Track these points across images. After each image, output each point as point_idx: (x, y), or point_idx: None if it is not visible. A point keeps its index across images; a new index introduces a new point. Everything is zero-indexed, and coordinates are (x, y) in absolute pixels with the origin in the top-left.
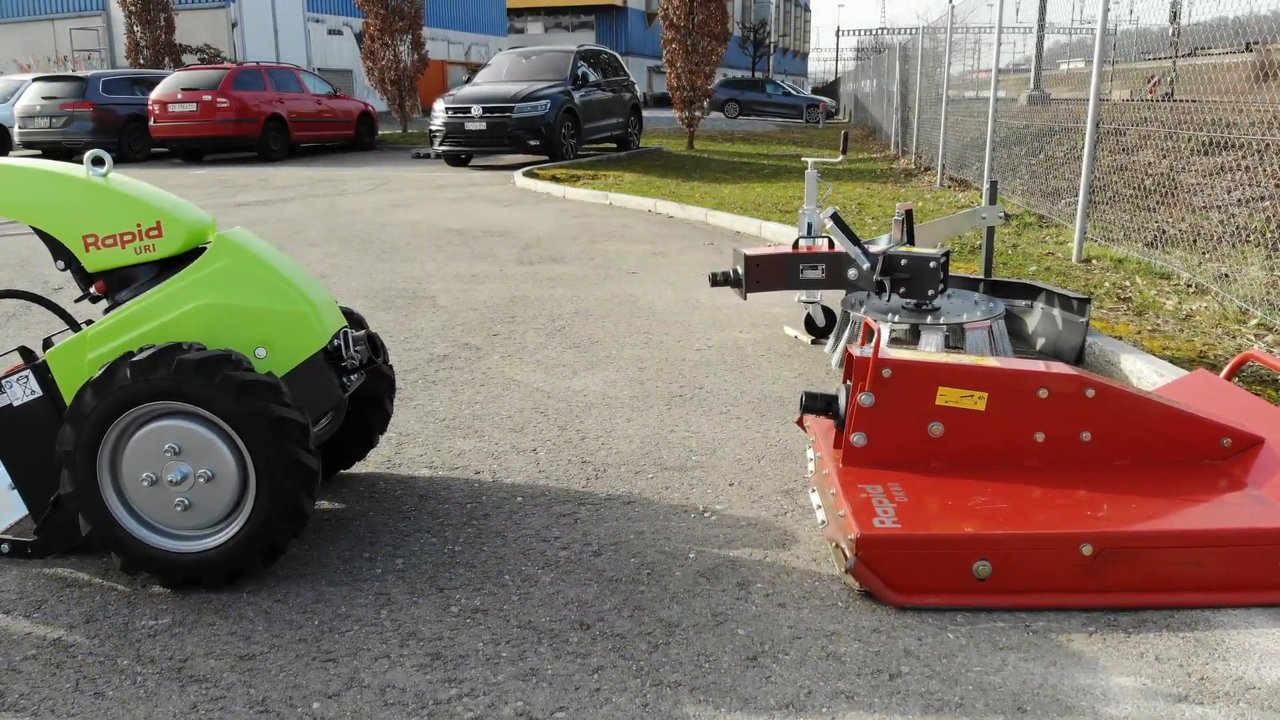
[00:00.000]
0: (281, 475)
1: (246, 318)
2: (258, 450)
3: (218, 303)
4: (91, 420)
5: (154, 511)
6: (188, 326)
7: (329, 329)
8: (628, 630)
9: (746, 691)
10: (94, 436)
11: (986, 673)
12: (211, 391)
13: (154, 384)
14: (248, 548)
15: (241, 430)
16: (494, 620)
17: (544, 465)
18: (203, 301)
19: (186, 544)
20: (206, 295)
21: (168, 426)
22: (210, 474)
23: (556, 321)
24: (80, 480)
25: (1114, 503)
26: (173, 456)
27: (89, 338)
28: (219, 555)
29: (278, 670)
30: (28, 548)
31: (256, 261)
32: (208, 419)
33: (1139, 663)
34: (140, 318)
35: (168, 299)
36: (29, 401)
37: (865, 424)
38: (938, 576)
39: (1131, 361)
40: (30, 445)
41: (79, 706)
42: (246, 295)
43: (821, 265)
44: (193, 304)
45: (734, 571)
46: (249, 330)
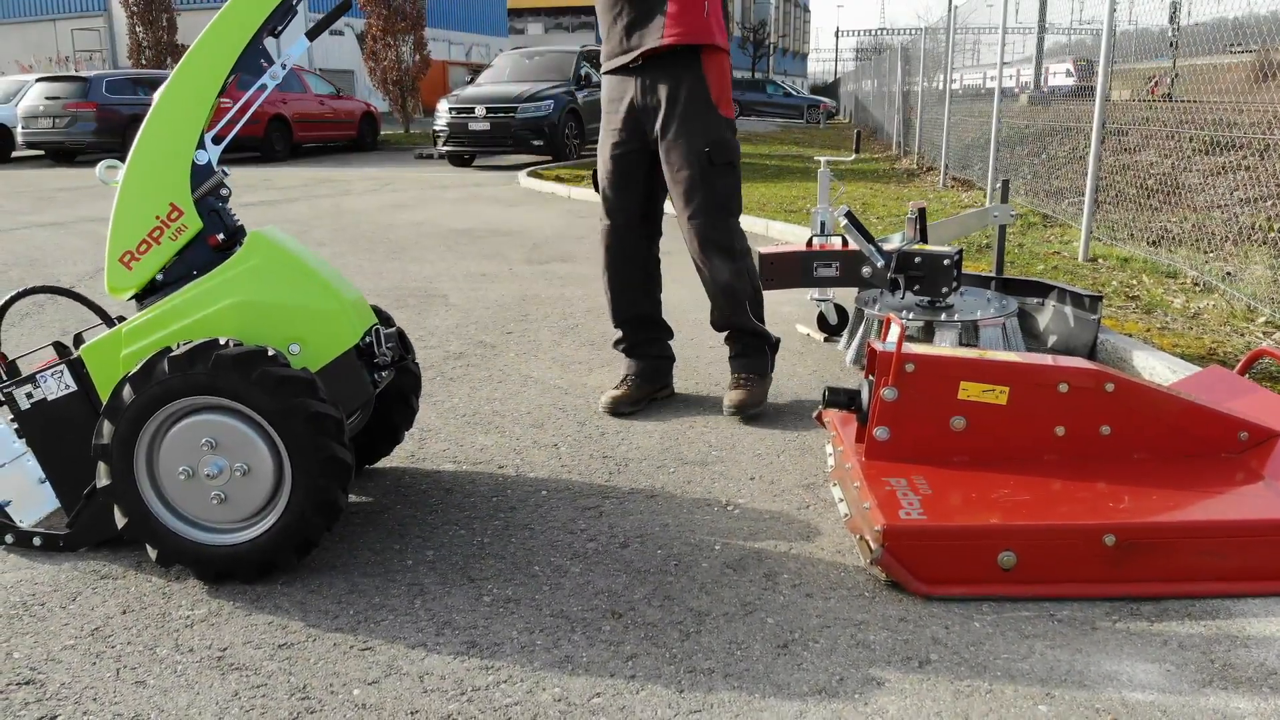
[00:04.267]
0: (316, 470)
1: (280, 315)
2: (293, 445)
3: (251, 300)
4: (129, 414)
5: (190, 505)
6: (222, 323)
7: (360, 326)
8: (659, 619)
9: (779, 678)
10: (132, 430)
11: (1014, 660)
12: (248, 387)
13: (192, 379)
14: (282, 541)
15: (278, 425)
16: (526, 609)
17: (566, 460)
18: (237, 299)
19: (221, 537)
20: (240, 292)
21: (204, 421)
22: (246, 468)
23: (569, 319)
24: (117, 473)
25: (1135, 495)
26: (209, 451)
27: (123, 334)
28: (252, 548)
29: (317, 659)
30: (60, 540)
31: (289, 259)
32: (244, 414)
33: (1162, 650)
34: (174, 314)
35: (202, 296)
36: (63, 396)
37: (888, 418)
38: (963, 567)
39: (1144, 358)
40: (63, 439)
41: (121, 695)
42: (280, 292)
43: (836, 263)
44: (227, 301)
45: (760, 563)
46: (283, 327)
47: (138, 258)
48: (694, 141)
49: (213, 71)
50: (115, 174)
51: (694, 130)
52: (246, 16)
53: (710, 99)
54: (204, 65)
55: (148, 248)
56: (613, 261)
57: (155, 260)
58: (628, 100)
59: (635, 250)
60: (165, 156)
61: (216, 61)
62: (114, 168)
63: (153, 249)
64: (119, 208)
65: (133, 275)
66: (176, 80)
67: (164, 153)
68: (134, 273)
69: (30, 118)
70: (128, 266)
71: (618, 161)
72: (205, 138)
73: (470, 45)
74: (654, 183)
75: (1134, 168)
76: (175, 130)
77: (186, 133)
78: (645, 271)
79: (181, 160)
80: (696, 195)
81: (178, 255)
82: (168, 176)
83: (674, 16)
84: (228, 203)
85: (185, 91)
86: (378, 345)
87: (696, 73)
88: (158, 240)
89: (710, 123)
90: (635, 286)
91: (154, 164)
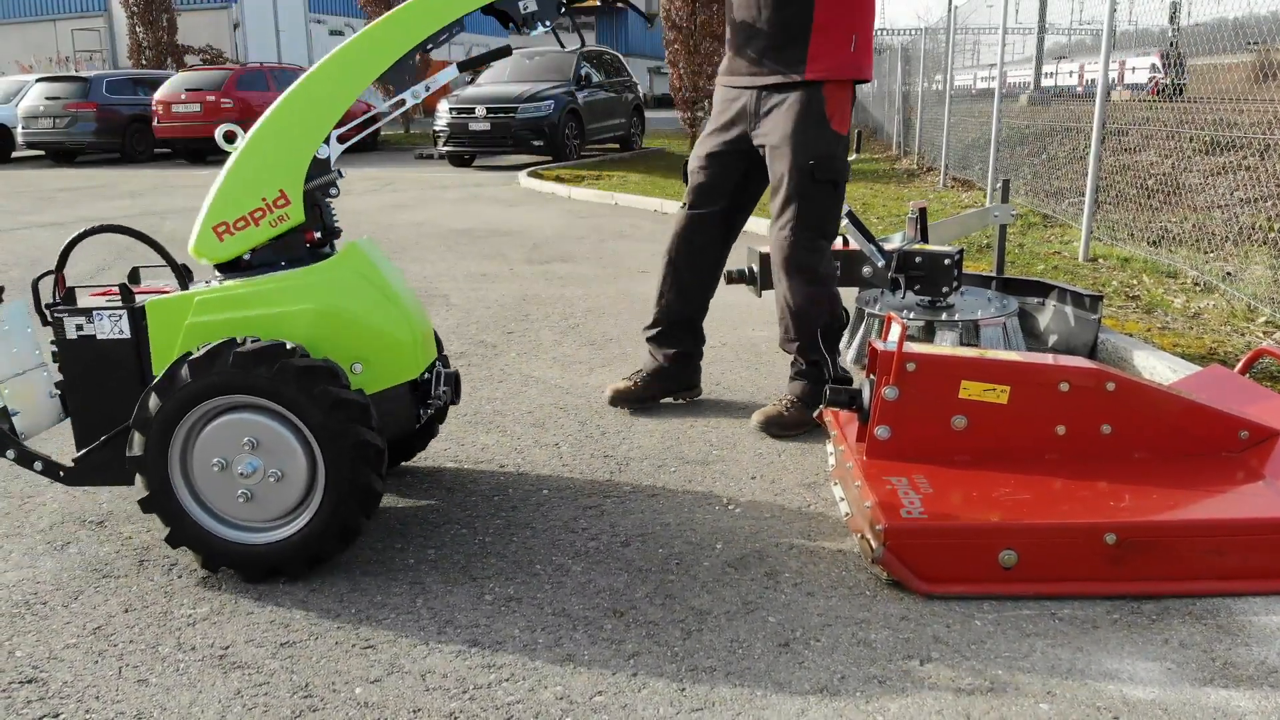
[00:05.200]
0: (348, 494)
1: (354, 331)
2: (334, 468)
3: (332, 309)
4: (181, 396)
5: (216, 496)
6: (297, 325)
7: (424, 361)
8: (660, 618)
9: (780, 677)
10: (179, 411)
11: (1015, 658)
12: (307, 402)
13: (254, 381)
14: (296, 553)
15: (325, 445)
16: (528, 608)
17: (567, 459)
18: (318, 305)
19: (240, 534)
20: (325, 299)
21: (251, 420)
22: (280, 474)
23: (570, 319)
24: (152, 447)
25: (1135, 493)
26: (250, 450)
27: (195, 302)
28: (268, 550)
29: (319, 657)
30: (60, 471)
31: (378, 279)
32: (295, 425)
33: (1163, 648)
34: (252, 300)
35: (286, 291)
36: (113, 340)
37: (889, 417)
38: (964, 565)
39: (1144, 358)
40: (98, 379)
41: (123, 693)
42: (360, 309)
43: (836, 263)
44: (308, 305)
45: (761, 562)
46: (353, 344)
47: (232, 232)
48: (799, 154)
49: (364, 71)
50: (234, 142)
51: (801, 142)
52: (415, 27)
53: (824, 112)
54: (357, 63)
55: (245, 225)
56: (678, 248)
57: (248, 240)
58: (741, 102)
59: (705, 245)
60: (290, 142)
61: (371, 63)
62: (234, 134)
63: (249, 228)
64: (228, 177)
65: (221, 247)
66: (325, 69)
67: (290, 138)
68: (224, 245)
69: (30, 118)
70: (219, 237)
71: (715, 157)
72: (331, 134)
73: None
74: (746, 188)
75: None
76: (308, 119)
77: (319, 124)
78: (707, 270)
79: (305, 150)
80: (790, 209)
81: (271, 241)
82: (286, 162)
83: (818, 50)
84: (332, 203)
85: (330, 83)
86: (435, 385)
87: (816, 85)
88: (257, 221)
89: (820, 137)
90: (691, 281)
91: (277, 146)
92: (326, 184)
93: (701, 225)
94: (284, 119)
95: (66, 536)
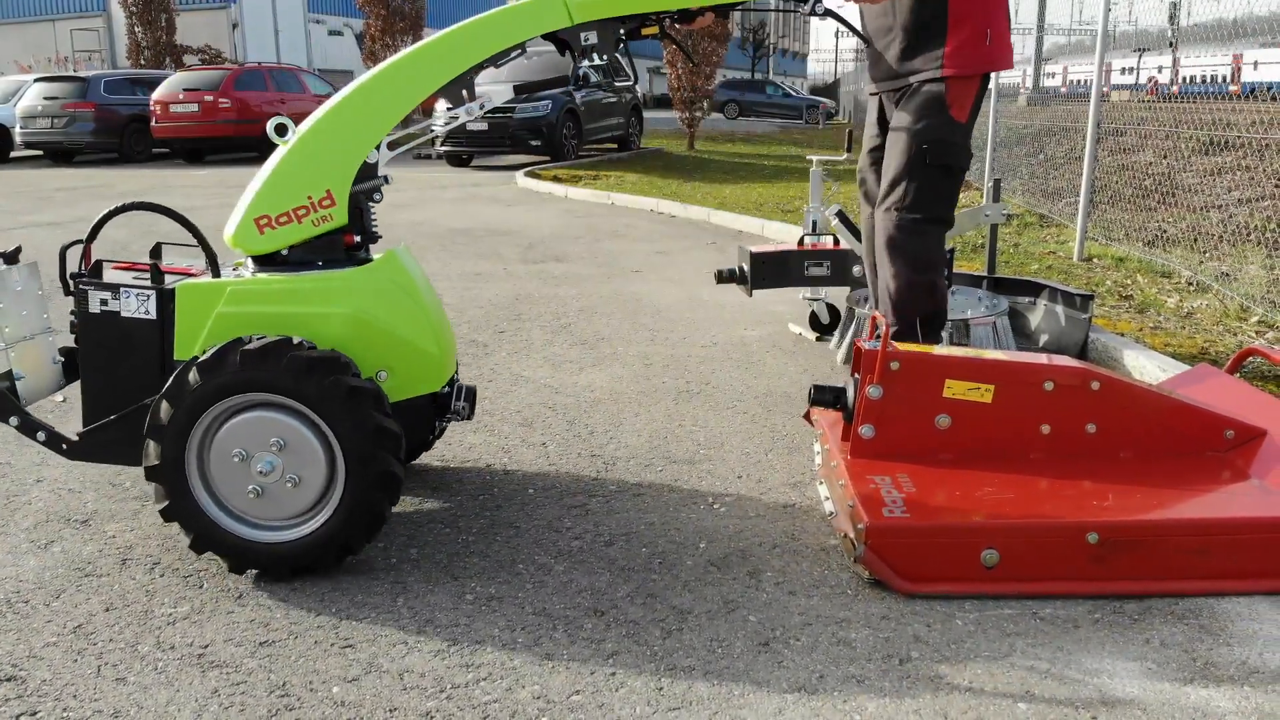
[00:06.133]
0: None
1: (384, 339)
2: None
3: (366, 315)
4: (220, 382)
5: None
6: (329, 327)
7: (445, 375)
8: (641, 617)
9: (759, 676)
10: (211, 397)
11: (994, 658)
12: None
13: (304, 391)
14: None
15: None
16: (509, 607)
17: (554, 459)
18: (354, 309)
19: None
20: (360, 304)
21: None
22: (299, 469)
23: (562, 319)
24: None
25: (1119, 492)
26: (277, 452)
27: (228, 292)
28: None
29: (297, 656)
30: (63, 444)
31: (412, 289)
32: (310, 419)
33: (1144, 648)
34: (287, 297)
35: (324, 292)
36: (137, 319)
37: (873, 416)
38: (946, 565)
39: (1134, 357)
40: (115, 356)
41: (101, 692)
42: (392, 318)
43: (826, 262)
44: (344, 308)
45: (744, 561)
46: (381, 351)
47: (274, 226)
48: (914, 138)
49: (425, 82)
50: (285, 135)
51: (917, 126)
52: (481, 45)
53: (945, 98)
54: (420, 73)
55: (287, 221)
56: (871, 250)
57: (289, 236)
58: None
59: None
60: (342, 143)
61: (433, 75)
62: (285, 127)
63: (291, 224)
64: (276, 171)
65: (261, 240)
66: (387, 75)
67: (342, 139)
68: (263, 238)
69: (29, 118)
70: (260, 230)
71: (877, 152)
72: (383, 140)
73: None
74: None
75: (1131, 168)
76: (362, 123)
77: (373, 129)
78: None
79: (356, 153)
80: (898, 190)
81: (311, 240)
82: (336, 163)
83: (955, 48)
84: (373, 208)
85: (391, 89)
86: (454, 399)
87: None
88: (300, 219)
89: (938, 121)
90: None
91: (329, 146)
92: (371, 189)
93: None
94: (340, 120)
95: (50, 535)
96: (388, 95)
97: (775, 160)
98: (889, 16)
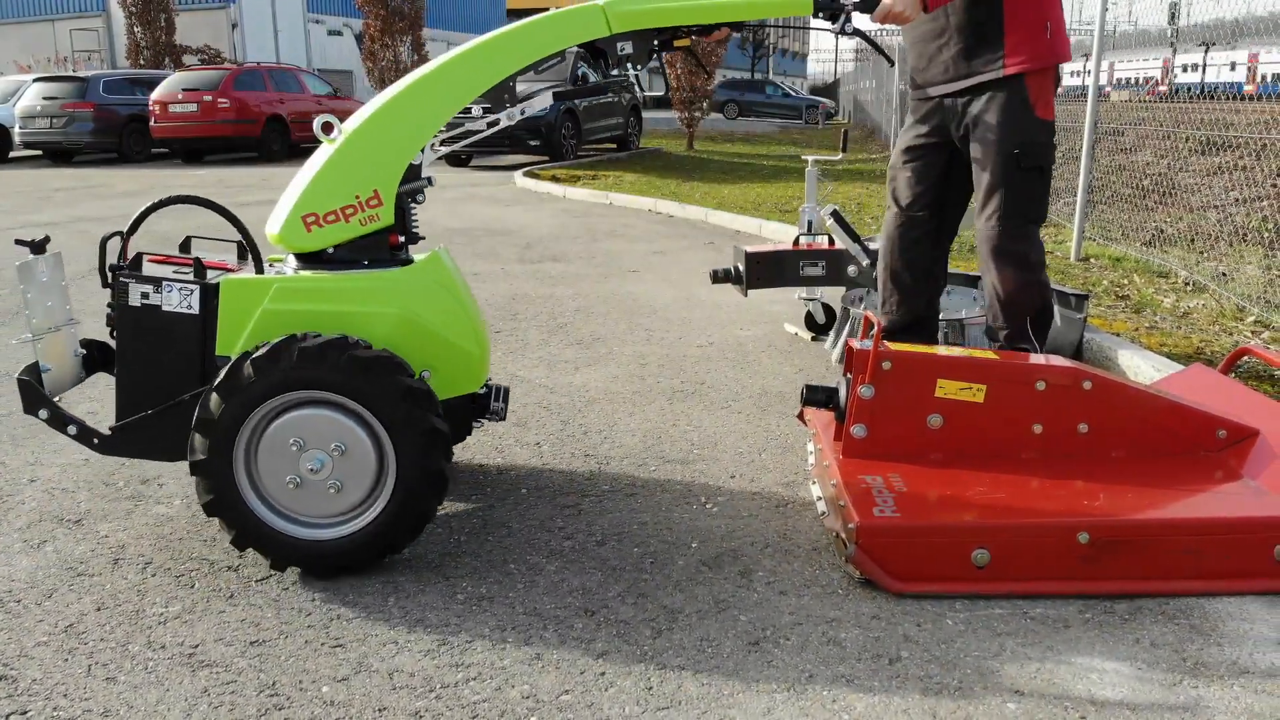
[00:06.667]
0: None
1: (428, 339)
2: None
3: (412, 315)
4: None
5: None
6: (376, 326)
7: (484, 375)
8: (631, 617)
9: (748, 675)
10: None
11: (984, 657)
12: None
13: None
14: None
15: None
16: (500, 607)
17: (547, 458)
18: (401, 309)
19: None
20: (407, 304)
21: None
22: (345, 478)
23: (558, 319)
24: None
25: (1110, 492)
26: (317, 446)
27: (274, 288)
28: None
29: (287, 656)
30: (95, 438)
31: (454, 290)
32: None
33: (1134, 648)
34: (335, 295)
35: (371, 291)
36: (179, 313)
37: (865, 416)
38: (937, 564)
39: (1129, 357)
40: (154, 350)
41: (91, 691)
42: (437, 318)
43: (822, 262)
44: (392, 308)
45: (736, 560)
46: (425, 351)
47: (321, 224)
48: (1004, 142)
49: (472, 85)
50: (331, 132)
51: (1005, 129)
52: (525, 50)
53: (1028, 98)
54: (465, 76)
55: (335, 220)
56: (890, 251)
57: (336, 234)
58: (939, 104)
59: (916, 243)
60: (391, 144)
61: (480, 78)
62: (331, 125)
63: (339, 223)
64: (324, 170)
65: (308, 238)
66: (435, 78)
67: (391, 140)
68: (310, 236)
69: (28, 118)
70: (307, 228)
71: (915, 151)
72: (428, 141)
73: None
74: (950, 180)
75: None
76: (411, 124)
77: (421, 131)
78: (923, 269)
79: (404, 155)
80: (996, 197)
81: (357, 239)
82: (385, 164)
83: (1014, 44)
84: (415, 210)
85: (438, 91)
86: (493, 399)
87: (1017, 78)
88: (347, 218)
89: (1025, 124)
90: (909, 283)
91: (378, 146)
92: (416, 190)
93: (909, 226)
94: (388, 121)
95: (43, 535)
96: (436, 97)
97: (774, 160)
98: (939, 19)
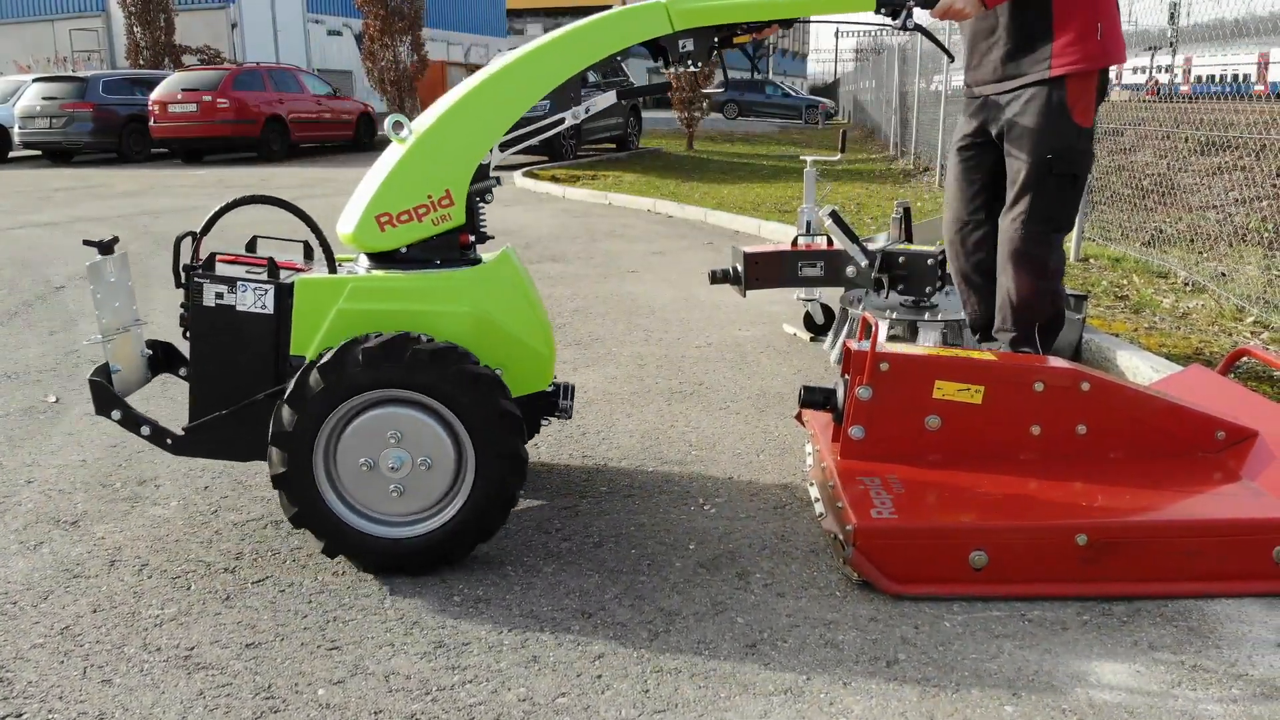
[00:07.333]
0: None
1: (501, 339)
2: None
3: (485, 314)
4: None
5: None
6: (451, 325)
7: (551, 374)
8: (628, 619)
9: (745, 678)
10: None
11: (982, 660)
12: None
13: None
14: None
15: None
16: (496, 609)
17: (545, 459)
18: (475, 308)
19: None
20: (480, 303)
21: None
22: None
23: (557, 319)
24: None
25: (1109, 494)
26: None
27: (349, 288)
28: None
29: (283, 658)
30: (168, 439)
31: (524, 289)
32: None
33: (1132, 650)
34: (410, 294)
35: (446, 290)
36: (253, 313)
37: (863, 417)
38: (934, 566)
39: (1128, 358)
40: (228, 350)
41: (86, 694)
42: (508, 317)
43: (820, 263)
44: (465, 307)
45: (733, 562)
46: (498, 351)
47: (395, 224)
48: (1039, 146)
49: (540, 84)
50: (402, 131)
51: (1041, 133)
52: (589, 49)
53: (1066, 102)
54: (533, 76)
55: (408, 219)
56: (955, 255)
57: (409, 234)
58: (986, 101)
59: (977, 246)
60: (462, 145)
61: (547, 77)
62: (401, 124)
63: (412, 223)
64: (396, 170)
65: (382, 237)
66: (503, 76)
67: (462, 141)
68: (384, 236)
69: (27, 118)
70: (380, 227)
71: (962, 152)
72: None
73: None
74: (1000, 178)
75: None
76: (481, 125)
77: (491, 131)
78: (989, 268)
79: (475, 155)
80: (1024, 200)
81: (429, 239)
82: (456, 164)
83: (1063, 46)
84: (485, 209)
85: (507, 91)
86: (561, 396)
87: (1059, 79)
88: (420, 217)
89: (1062, 128)
90: (981, 284)
91: (449, 147)
92: (485, 189)
93: (965, 228)
94: (459, 120)
95: (39, 537)
96: (505, 96)
97: (773, 160)
98: (992, 18)
